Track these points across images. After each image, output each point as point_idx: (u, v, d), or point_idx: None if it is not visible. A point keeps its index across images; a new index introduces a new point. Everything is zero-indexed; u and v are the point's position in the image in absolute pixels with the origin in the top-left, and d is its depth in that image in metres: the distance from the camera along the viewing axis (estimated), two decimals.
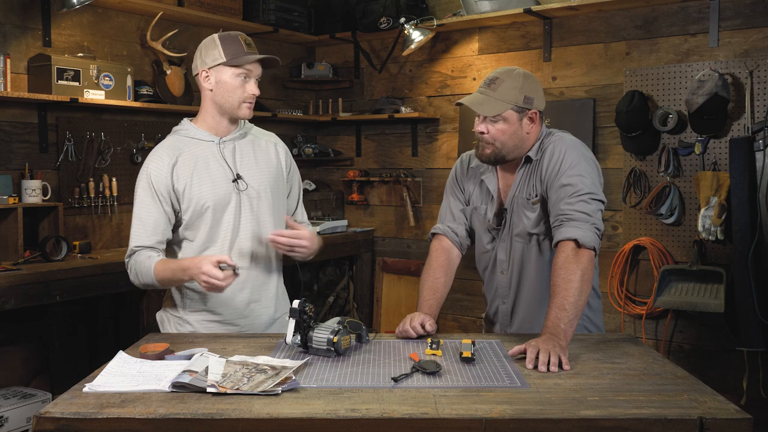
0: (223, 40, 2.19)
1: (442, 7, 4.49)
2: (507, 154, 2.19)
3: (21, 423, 3.10)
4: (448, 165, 4.55)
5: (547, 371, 1.79)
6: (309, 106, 5.06)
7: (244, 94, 2.20)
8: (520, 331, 2.29)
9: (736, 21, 3.52)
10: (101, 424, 1.50)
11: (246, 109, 2.23)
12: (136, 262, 2.18)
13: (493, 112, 2.14)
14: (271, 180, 2.30)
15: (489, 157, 2.20)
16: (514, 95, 2.14)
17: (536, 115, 2.20)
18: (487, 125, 2.16)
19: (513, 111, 2.15)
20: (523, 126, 2.18)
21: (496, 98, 2.14)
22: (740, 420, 1.47)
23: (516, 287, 2.29)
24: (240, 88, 2.19)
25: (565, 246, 2.03)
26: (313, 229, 2.42)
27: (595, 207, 2.08)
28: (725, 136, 3.51)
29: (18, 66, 3.41)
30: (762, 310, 3.10)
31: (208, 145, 2.25)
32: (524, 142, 2.20)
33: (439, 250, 2.43)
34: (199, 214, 2.20)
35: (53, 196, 3.53)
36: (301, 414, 1.49)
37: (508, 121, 2.15)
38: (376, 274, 4.85)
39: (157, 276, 2.14)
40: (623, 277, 3.81)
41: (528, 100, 2.16)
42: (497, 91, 2.15)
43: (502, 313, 2.34)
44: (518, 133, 2.18)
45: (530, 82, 2.18)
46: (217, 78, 2.20)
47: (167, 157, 2.20)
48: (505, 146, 2.18)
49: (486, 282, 2.42)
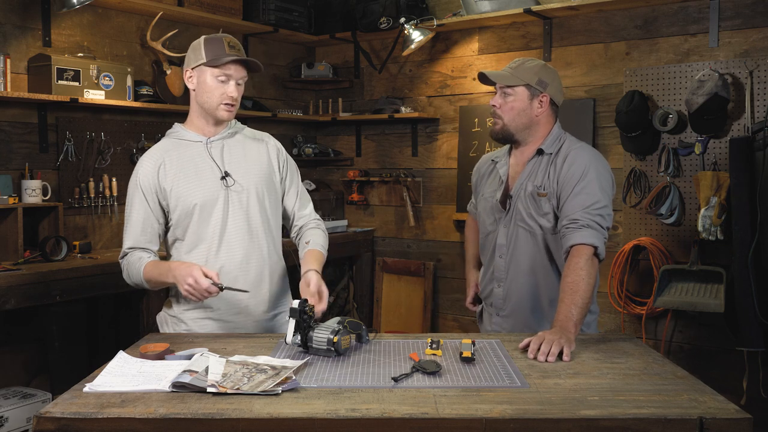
0: (208, 41, 2.21)
1: (442, 7, 4.49)
2: (515, 132, 2.34)
3: (21, 423, 3.10)
4: (448, 165, 4.55)
5: (545, 361, 1.85)
6: (309, 106, 5.06)
7: (222, 96, 2.20)
8: (512, 316, 2.38)
9: (736, 21, 3.52)
10: (101, 424, 1.50)
11: (224, 111, 2.22)
12: (129, 263, 2.22)
13: (506, 81, 2.31)
14: (262, 177, 2.30)
15: (498, 133, 2.36)
16: (529, 75, 2.31)
17: (546, 99, 2.32)
18: (498, 99, 2.33)
19: (524, 89, 2.31)
20: (533, 107, 2.32)
21: (513, 74, 2.32)
22: (740, 420, 1.47)
23: (513, 272, 2.36)
24: (218, 89, 2.20)
25: (584, 249, 2.15)
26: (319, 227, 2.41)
27: (608, 223, 2.23)
28: (725, 136, 3.51)
29: (18, 66, 3.41)
30: (762, 310, 3.10)
31: (196, 146, 2.26)
32: (533, 124, 2.33)
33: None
34: (187, 213, 2.21)
35: (53, 196, 3.53)
36: (301, 414, 1.49)
37: (518, 98, 2.30)
38: (376, 274, 4.86)
39: (146, 276, 2.18)
40: (623, 277, 3.81)
41: (541, 83, 2.31)
42: (516, 69, 2.33)
43: (496, 296, 2.42)
44: (527, 112, 2.32)
45: (548, 71, 2.34)
46: (198, 78, 2.22)
47: (155, 158, 2.24)
48: (514, 122, 2.32)
49: (485, 264, 2.50)
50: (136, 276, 2.20)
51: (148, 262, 2.19)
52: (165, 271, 2.13)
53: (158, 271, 2.15)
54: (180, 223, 2.23)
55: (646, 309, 3.71)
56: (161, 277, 2.15)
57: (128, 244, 2.23)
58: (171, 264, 2.14)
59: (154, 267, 2.17)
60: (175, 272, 2.08)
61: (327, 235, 2.42)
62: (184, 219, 2.22)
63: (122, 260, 2.25)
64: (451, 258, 4.54)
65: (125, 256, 2.24)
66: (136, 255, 2.21)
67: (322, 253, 2.32)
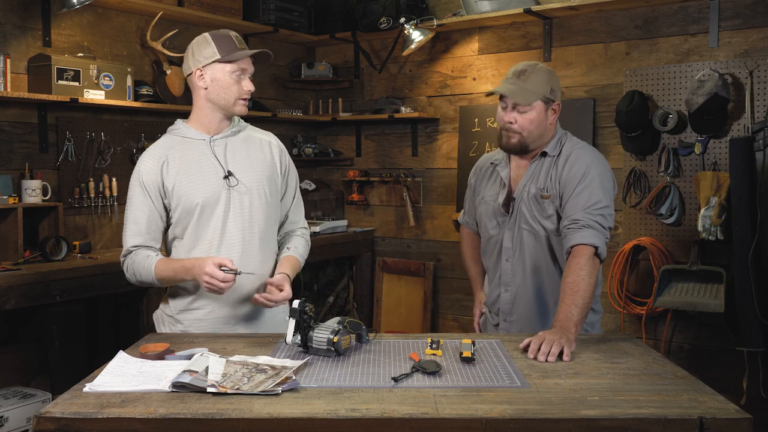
0: (216, 38, 2.20)
1: (442, 7, 4.49)
2: (531, 143, 2.31)
3: (21, 423, 3.10)
4: (448, 165, 4.55)
5: (546, 361, 1.85)
6: (309, 106, 5.06)
7: (240, 91, 2.21)
8: (521, 321, 2.36)
9: (736, 21, 3.52)
10: (101, 424, 1.50)
11: (241, 106, 2.24)
12: (134, 261, 2.19)
13: (528, 100, 2.26)
14: (265, 177, 2.28)
15: (515, 146, 2.32)
16: (544, 87, 2.28)
17: (558, 107, 2.32)
18: (515, 115, 2.28)
19: (541, 102, 2.27)
20: (548, 117, 2.31)
21: (529, 89, 2.26)
22: (740, 420, 1.47)
23: (520, 276, 2.35)
24: (235, 84, 2.20)
25: (585, 250, 2.14)
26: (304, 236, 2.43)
27: (610, 223, 2.22)
28: (725, 136, 3.51)
29: (18, 66, 3.41)
30: (762, 310, 3.10)
31: (199, 144, 2.24)
32: (547, 132, 2.33)
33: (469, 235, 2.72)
34: (188, 212, 2.19)
35: (53, 196, 3.53)
36: (301, 414, 1.49)
37: (536, 111, 2.27)
38: (376, 274, 4.86)
39: (159, 275, 2.16)
40: (623, 277, 3.81)
41: (553, 93, 2.30)
42: (528, 82, 2.27)
43: (503, 300, 2.40)
44: (543, 123, 2.30)
45: (553, 76, 2.33)
46: (212, 76, 2.19)
47: (157, 156, 2.22)
48: (531, 135, 2.30)
49: (490, 269, 2.48)
50: (147, 275, 2.17)
51: (158, 261, 2.17)
52: (180, 269, 2.13)
53: (172, 271, 2.14)
54: (180, 222, 2.22)
55: (646, 309, 3.71)
56: (176, 275, 2.14)
57: (132, 242, 2.20)
58: (185, 262, 2.13)
59: (167, 266, 2.16)
60: (191, 271, 2.09)
61: (309, 245, 2.45)
62: (184, 218, 2.21)
63: (125, 258, 2.22)
64: (451, 258, 4.54)
65: (129, 254, 2.21)
66: (142, 253, 2.18)
67: (300, 262, 2.35)
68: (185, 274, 2.12)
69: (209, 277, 2.03)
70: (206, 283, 2.05)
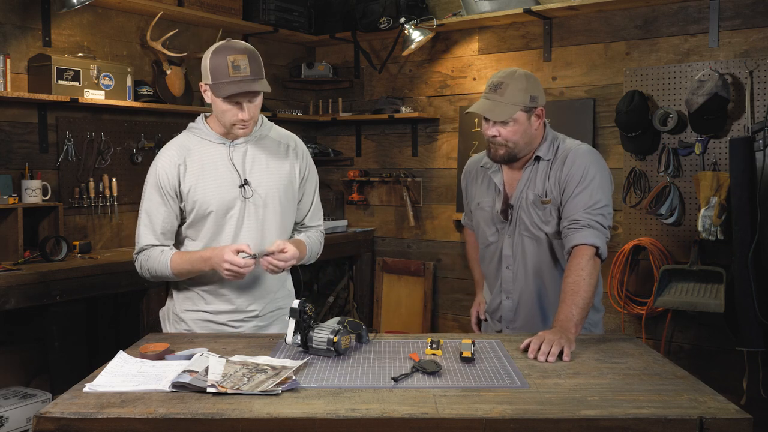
0: (213, 58, 2.09)
1: (442, 7, 4.49)
2: (519, 152, 2.29)
3: (21, 423, 3.10)
4: (448, 165, 4.55)
5: (546, 361, 1.85)
6: (309, 106, 5.06)
7: (235, 119, 2.13)
8: (524, 327, 2.35)
9: (736, 21, 3.52)
10: (101, 424, 1.50)
11: (239, 130, 2.16)
12: (149, 258, 2.19)
13: (505, 116, 2.22)
14: (281, 187, 2.25)
15: (503, 157, 2.29)
16: (521, 96, 2.22)
17: (542, 112, 2.28)
18: (498, 128, 2.24)
19: (522, 112, 2.23)
20: (532, 124, 2.27)
21: (505, 102, 2.22)
22: (740, 420, 1.47)
23: (522, 283, 2.34)
24: (230, 111, 2.12)
25: (586, 250, 2.14)
26: (320, 235, 2.42)
27: (609, 222, 2.23)
28: (725, 136, 3.51)
29: (18, 66, 3.41)
30: (762, 310, 3.10)
31: (219, 147, 2.21)
32: (534, 138, 2.29)
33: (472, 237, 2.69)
34: (201, 217, 2.19)
35: (53, 196, 3.53)
36: (301, 414, 1.49)
37: (518, 122, 2.23)
38: (376, 274, 4.86)
39: (175, 269, 2.16)
40: (623, 277, 3.81)
41: (534, 99, 2.24)
42: (505, 95, 2.22)
43: (505, 308, 2.39)
44: (528, 132, 2.26)
45: (532, 81, 2.26)
46: (211, 96, 2.14)
47: (176, 156, 2.19)
48: (518, 145, 2.27)
49: (490, 277, 2.46)
50: (163, 269, 2.16)
51: (173, 254, 2.17)
52: (197, 260, 2.13)
53: (189, 263, 2.14)
54: (193, 224, 2.21)
55: (646, 309, 3.71)
56: (194, 267, 2.14)
57: (147, 241, 2.19)
58: (202, 253, 2.13)
59: (183, 258, 2.16)
60: (210, 261, 2.09)
61: (322, 246, 2.43)
62: (198, 222, 2.20)
63: (138, 255, 2.22)
64: (451, 258, 4.54)
65: (142, 252, 2.20)
66: (157, 249, 2.18)
67: (308, 250, 2.30)
68: (203, 264, 2.12)
69: (230, 264, 2.03)
70: (227, 270, 2.05)
